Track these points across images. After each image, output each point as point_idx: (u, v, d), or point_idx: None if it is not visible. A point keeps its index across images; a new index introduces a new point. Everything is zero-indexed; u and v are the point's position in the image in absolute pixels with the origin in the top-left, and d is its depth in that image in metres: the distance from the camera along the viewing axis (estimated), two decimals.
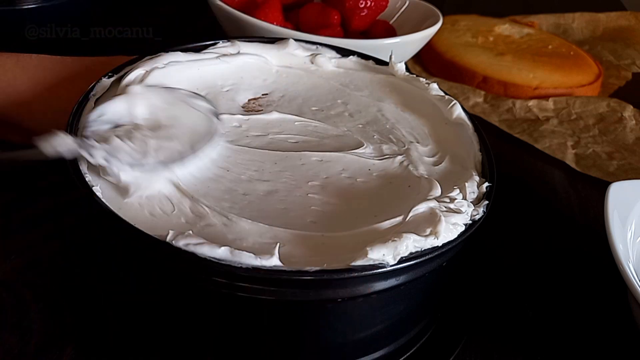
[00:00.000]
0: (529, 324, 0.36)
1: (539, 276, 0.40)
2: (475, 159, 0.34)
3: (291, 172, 0.31)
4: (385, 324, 0.30)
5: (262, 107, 0.37)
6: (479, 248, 0.40)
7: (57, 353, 0.31)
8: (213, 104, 0.34)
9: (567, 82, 0.63)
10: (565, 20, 0.84)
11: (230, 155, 0.32)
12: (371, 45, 0.52)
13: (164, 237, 0.24)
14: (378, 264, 0.24)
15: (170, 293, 0.28)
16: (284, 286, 0.25)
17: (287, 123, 0.36)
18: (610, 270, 0.33)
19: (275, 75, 0.40)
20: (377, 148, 0.34)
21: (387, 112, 0.38)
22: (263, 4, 0.56)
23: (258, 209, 0.28)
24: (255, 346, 0.29)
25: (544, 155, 0.54)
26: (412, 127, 0.37)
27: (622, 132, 0.57)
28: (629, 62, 0.73)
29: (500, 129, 0.57)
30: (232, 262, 0.24)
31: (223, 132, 0.34)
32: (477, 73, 0.63)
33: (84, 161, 0.28)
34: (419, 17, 0.62)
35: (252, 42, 0.41)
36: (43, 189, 0.41)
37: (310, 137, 0.35)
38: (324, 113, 0.37)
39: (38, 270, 0.35)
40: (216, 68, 0.38)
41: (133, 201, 0.27)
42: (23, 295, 0.33)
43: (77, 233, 0.37)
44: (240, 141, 0.33)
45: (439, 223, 0.26)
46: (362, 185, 0.31)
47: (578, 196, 0.49)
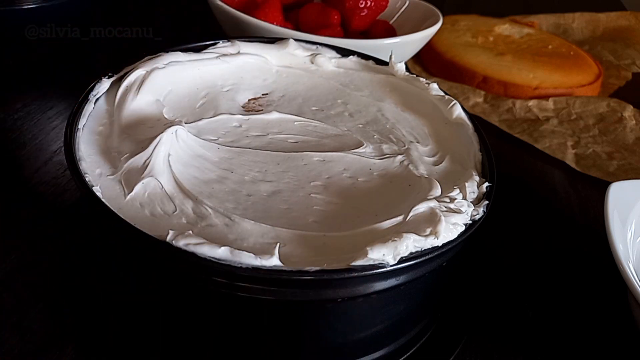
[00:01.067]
0: (529, 324, 0.36)
1: (539, 276, 0.40)
2: (475, 158, 0.34)
3: (294, 172, 0.31)
4: (385, 324, 0.30)
5: (262, 107, 0.37)
6: (479, 248, 0.40)
7: (57, 353, 0.31)
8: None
9: (567, 82, 0.63)
10: (565, 20, 0.84)
11: (232, 157, 0.32)
12: (371, 45, 0.52)
13: (164, 237, 0.24)
14: (378, 264, 0.24)
15: (170, 293, 0.28)
16: (284, 286, 0.25)
17: (287, 123, 0.36)
18: (610, 270, 0.33)
19: (275, 75, 0.40)
20: (377, 148, 0.34)
21: (387, 112, 0.38)
22: (263, 4, 0.56)
23: (261, 209, 0.28)
24: (255, 346, 0.29)
25: (544, 155, 0.54)
26: (412, 127, 0.37)
27: (622, 132, 0.57)
28: (629, 62, 0.73)
29: (500, 129, 0.57)
30: (232, 262, 0.24)
31: (223, 132, 0.34)
32: (477, 73, 0.63)
33: (83, 160, 0.28)
34: (419, 17, 0.62)
35: (252, 42, 0.41)
36: (43, 189, 0.41)
37: (310, 137, 0.35)
38: (324, 113, 0.37)
39: (38, 270, 0.35)
40: (216, 68, 0.38)
41: (133, 201, 0.27)
42: (23, 295, 0.33)
43: (77, 233, 0.37)
44: (240, 141, 0.33)
45: (439, 223, 0.26)
46: (363, 184, 0.31)
47: (578, 196, 0.49)
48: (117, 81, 0.35)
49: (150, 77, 0.35)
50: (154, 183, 0.28)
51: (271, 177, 0.31)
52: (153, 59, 0.36)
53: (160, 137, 0.30)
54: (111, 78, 0.35)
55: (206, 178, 0.30)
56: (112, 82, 0.35)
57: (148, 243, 0.25)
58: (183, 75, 0.37)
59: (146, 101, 0.34)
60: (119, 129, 0.32)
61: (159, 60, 0.36)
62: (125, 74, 0.35)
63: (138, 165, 0.29)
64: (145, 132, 0.32)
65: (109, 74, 0.35)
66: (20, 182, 0.42)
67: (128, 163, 0.29)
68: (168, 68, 0.36)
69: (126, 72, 0.35)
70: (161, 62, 0.36)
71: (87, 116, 0.32)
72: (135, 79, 0.34)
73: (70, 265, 0.35)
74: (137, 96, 0.34)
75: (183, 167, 0.30)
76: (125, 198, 0.28)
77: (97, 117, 0.33)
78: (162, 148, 0.29)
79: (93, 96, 0.33)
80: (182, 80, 0.36)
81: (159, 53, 0.37)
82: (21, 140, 0.46)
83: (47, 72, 0.57)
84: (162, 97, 0.35)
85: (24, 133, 0.47)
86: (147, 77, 0.35)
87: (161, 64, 0.36)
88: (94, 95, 0.33)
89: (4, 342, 0.31)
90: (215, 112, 0.35)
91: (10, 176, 0.43)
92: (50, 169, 0.43)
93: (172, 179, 0.29)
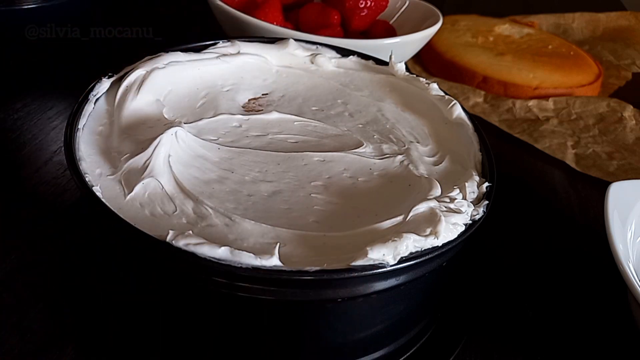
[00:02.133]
0: (529, 324, 0.36)
1: (539, 276, 0.40)
2: (475, 158, 0.34)
3: (294, 172, 0.31)
4: (385, 324, 0.30)
5: (262, 107, 0.37)
6: (479, 248, 0.40)
7: (57, 353, 0.31)
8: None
9: (567, 82, 0.63)
10: (565, 20, 0.84)
11: (233, 157, 0.32)
12: (371, 45, 0.52)
13: (164, 237, 0.24)
14: (378, 264, 0.24)
15: (170, 293, 0.28)
16: (284, 286, 0.25)
17: (286, 123, 0.36)
18: (610, 270, 0.33)
19: (276, 75, 0.40)
20: (377, 148, 0.34)
21: (387, 112, 0.38)
22: (263, 4, 0.56)
23: (261, 209, 0.28)
24: (256, 346, 0.29)
25: (544, 155, 0.54)
26: (412, 127, 0.37)
27: (622, 132, 0.57)
28: (629, 62, 0.73)
29: (500, 129, 0.57)
30: (232, 262, 0.24)
31: (223, 132, 0.34)
32: (477, 73, 0.63)
33: (83, 161, 0.28)
34: (419, 17, 0.62)
35: (252, 42, 0.41)
36: (43, 189, 0.41)
37: (310, 137, 0.35)
38: (324, 113, 0.37)
39: (38, 270, 0.35)
40: (216, 68, 0.38)
41: (133, 201, 0.27)
42: (23, 295, 0.33)
43: (77, 233, 0.37)
44: (241, 141, 0.33)
45: (439, 223, 0.26)
46: (363, 184, 0.31)
47: (578, 196, 0.49)
48: (117, 81, 0.35)
49: (150, 77, 0.35)
50: (154, 183, 0.28)
51: (271, 177, 0.31)
52: (153, 59, 0.36)
53: (160, 138, 0.30)
54: (111, 78, 0.35)
55: (206, 178, 0.30)
56: (112, 82, 0.35)
57: (148, 243, 0.25)
58: (183, 75, 0.37)
59: (146, 101, 0.34)
60: (119, 129, 0.32)
61: (159, 60, 0.36)
62: (125, 74, 0.35)
63: (138, 166, 0.29)
64: (145, 132, 0.32)
65: (109, 74, 0.35)
66: (20, 182, 0.42)
67: (128, 163, 0.29)
68: (168, 68, 0.36)
69: (126, 72, 0.35)
70: (161, 62, 0.36)
71: (87, 116, 0.32)
72: (135, 79, 0.34)
73: (70, 265, 0.35)
74: (137, 96, 0.34)
75: (183, 168, 0.30)
76: (125, 198, 0.28)
77: (97, 117, 0.33)
78: (162, 149, 0.29)
79: (93, 96, 0.33)
80: (182, 80, 0.36)
81: (159, 53, 0.37)
82: (21, 140, 0.46)
83: (47, 72, 0.57)
84: (162, 97, 0.35)
85: (24, 133, 0.47)
86: (147, 77, 0.35)
87: (161, 64, 0.36)
88: (94, 95, 0.33)
89: (4, 342, 0.31)
90: (216, 112, 0.35)
91: (10, 176, 0.43)
92: (50, 169, 0.43)
93: (172, 180, 0.28)
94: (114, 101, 0.34)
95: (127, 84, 0.34)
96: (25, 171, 0.43)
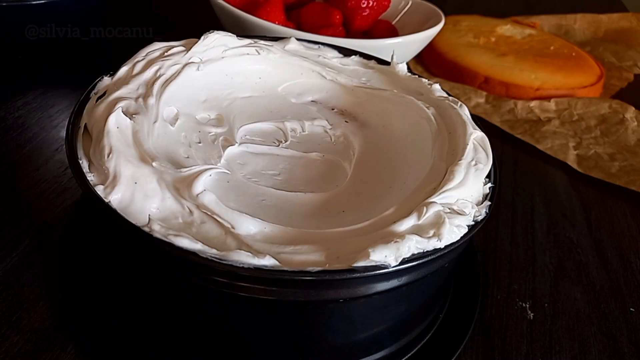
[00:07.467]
0: (529, 324, 0.36)
1: (540, 276, 0.40)
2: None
3: (297, 172, 0.31)
4: (387, 324, 0.30)
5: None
6: (479, 248, 0.40)
7: (57, 353, 0.31)
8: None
9: (568, 83, 0.63)
10: (567, 22, 0.84)
11: (234, 157, 0.32)
12: (373, 45, 0.52)
13: (164, 237, 0.24)
14: (380, 265, 0.24)
15: (170, 293, 0.28)
16: (285, 286, 0.25)
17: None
18: (611, 270, 0.33)
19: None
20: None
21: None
22: (265, 3, 0.55)
23: (263, 209, 0.28)
24: (256, 346, 0.29)
25: (545, 156, 0.54)
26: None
27: (623, 133, 0.57)
28: (631, 63, 0.73)
29: (502, 130, 0.57)
30: (233, 262, 0.23)
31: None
32: (478, 73, 0.63)
33: (84, 160, 0.28)
34: (421, 17, 0.62)
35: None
36: (44, 187, 0.41)
37: (315, 139, 0.35)
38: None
39: (38, 269, 0.35)
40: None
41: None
42: (23, 294, 0.33)
43: (78, 232, 0.37)
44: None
45: (442, 225, 0.26)
46: (365, 184, 0.31)
47: (580, 197, 0.49)
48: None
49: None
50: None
51: (273, 177, 0.31)
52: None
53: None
54: (112, 77, 0.35)
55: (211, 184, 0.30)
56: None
57: (148, 242, 0.25)
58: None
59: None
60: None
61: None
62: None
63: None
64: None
65: (109, 73, 0.35)
66: (21, 180, 0.42)
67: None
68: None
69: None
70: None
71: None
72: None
73: (71, 265, 0.35)
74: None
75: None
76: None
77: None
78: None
79: (94, 94, 0.33)
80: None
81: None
82: (22, 138, 0.46)
83: (48, 71, 0.57)
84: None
85: (25, 131, 0.47)
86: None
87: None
88: (95, 94, 0.33)
89: (4, 341, 0.31)
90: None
91: (11, 174, 0.42)
92: (51, 168, 0.43)
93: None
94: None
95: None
96: (27, 169, 0.43)
